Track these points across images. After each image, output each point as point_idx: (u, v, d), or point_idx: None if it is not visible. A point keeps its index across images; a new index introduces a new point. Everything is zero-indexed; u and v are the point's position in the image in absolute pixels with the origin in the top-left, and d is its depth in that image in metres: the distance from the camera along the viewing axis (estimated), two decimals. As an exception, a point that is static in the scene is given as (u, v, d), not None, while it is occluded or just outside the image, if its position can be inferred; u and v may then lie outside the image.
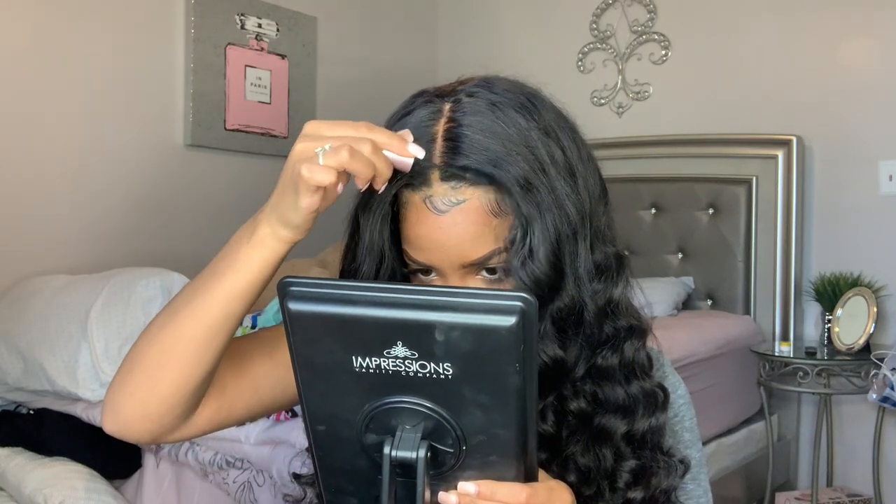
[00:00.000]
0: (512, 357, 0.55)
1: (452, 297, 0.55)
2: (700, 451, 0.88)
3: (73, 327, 1.91)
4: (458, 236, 0.72)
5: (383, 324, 0.55)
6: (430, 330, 0.54)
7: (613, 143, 3.26)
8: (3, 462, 1.87)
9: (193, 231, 2.89)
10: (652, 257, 3.15)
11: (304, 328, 0.57)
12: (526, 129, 0.73)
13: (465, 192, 0.71)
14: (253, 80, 3.04)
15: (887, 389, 2.39)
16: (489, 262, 0.73)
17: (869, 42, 2.84)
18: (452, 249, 0.72)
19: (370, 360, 0.56)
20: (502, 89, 0.75)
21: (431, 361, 0.55)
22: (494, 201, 0.71)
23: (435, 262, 0.74)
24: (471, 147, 0.71)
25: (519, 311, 0.54)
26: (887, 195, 2.78)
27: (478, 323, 0.54)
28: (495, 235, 0.72)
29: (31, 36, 2.46)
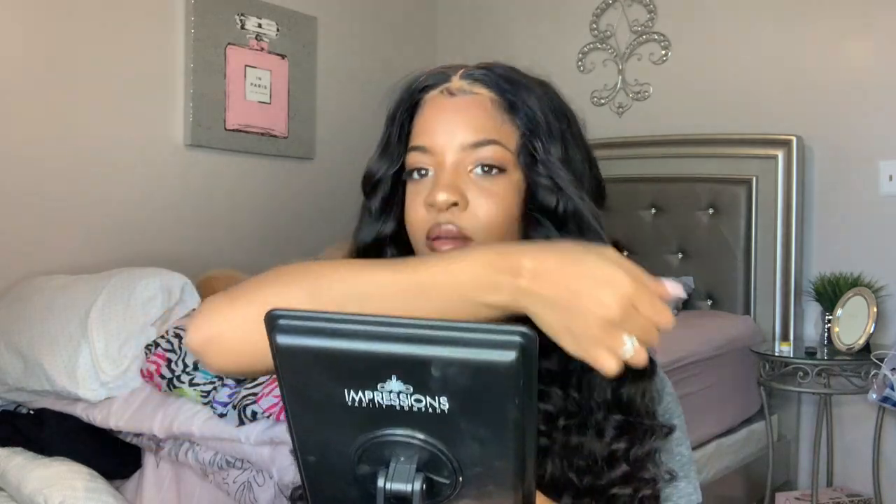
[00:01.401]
0: (511, 392, 0.53)
1: (449, 331, 0.53)
2: (689, 448, 0.87)
3: (73, 327, 1.92)
4: (464, 116, 0.80)
5: (377, 358, 0.53)
6: (426, 365, 0.53)
7: (613, 143, 3.26)
8: (3, 462, 1.86)
9: (193, 231, 2.89)
10: (652, 257, 3.15)
11: (294, 362, 0.55)
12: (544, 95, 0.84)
13: (479, 89, 0.82)
14: (253, 80, 3.04)
15: (887, 389, 2.39)
16: (486, 152, 0.78)
17: (869, 42, 2.84)
18: (455, 129, 0.79)
19: (363, 394, 0.54)
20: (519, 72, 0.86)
21: (427, 395, 0.53)
22: (505, 105, 0.81)
23: (438, 143, 0.79)
24: (493, 68, 0.83)
25: (518, 345, 0.52)
26: (887, 195, 2.78)
27: (476, 358, 0.52)
28: (498, 132, 0.80)
29: (30, 36, 2.46)
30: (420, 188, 0.81)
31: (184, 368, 1.76)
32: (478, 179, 0.79)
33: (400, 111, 0.84)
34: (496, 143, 0.79)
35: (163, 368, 1.77)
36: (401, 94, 0.85)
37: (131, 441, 1.88)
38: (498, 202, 0.79)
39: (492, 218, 0.78)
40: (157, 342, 1.86)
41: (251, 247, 3.02)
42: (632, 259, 0.68)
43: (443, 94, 0.82)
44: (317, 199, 3.26)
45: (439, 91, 0.83)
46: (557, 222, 0.81)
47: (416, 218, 0.81)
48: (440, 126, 0.80)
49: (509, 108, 0.81)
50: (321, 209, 3.23)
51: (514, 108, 0.81)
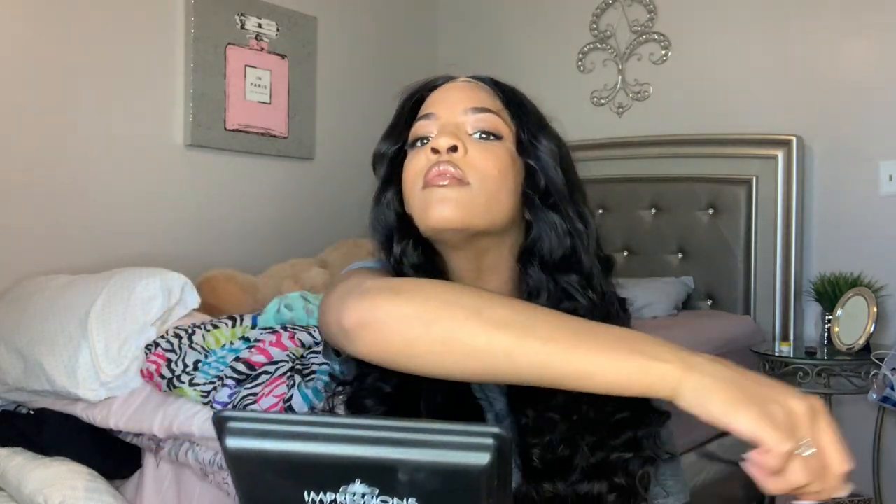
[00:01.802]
0: (484, 494, 0.50)
1: (418, 433, 0.50)
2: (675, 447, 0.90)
3: (73, 327, 1.91)
4: (467, 91, 0.88)
5: (339, 462, 0.50)
6: (393, 470, 0.50)
7: (613, 143, 3.26)
8: (3, 462, 1.86)
9: (193, 231, 2.89)
10: (652, 257, 3.15)
11: (247, 466, 0.52)
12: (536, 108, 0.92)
13: (482, 86, 0.89)
14: (253, 80, 3.04)
15: (887, 389, 2.39)
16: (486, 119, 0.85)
17: (869, 42, 2.84)
18: (459, 99, 0.87)
19: (325, 496, 0.51)
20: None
21: (394, 497, 0.50)
22: (503, 107, 0.87)
23: (441, 110, 0.86)
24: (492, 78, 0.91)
25: (493, 447, 0.49)
26: (887, 195, 2.78)
27: (447, 461, 0.49)
28: (497, 110, 0.87)
29: (30, 36, 2.46)
30: (422, 149, 0.85)
31: (184, 368, 1.76)
32: (477, 140, 0.85)
33: (409, 102, 0.91)
34: (495, 114, 0.86)
35: (163, 368, 1.77)
36: (413, 89, 0.92)
37: (131, 441, 1.88)
38: (495, 158, 0.84)
39: (489, 169, 0.83)
40: (157, 342, 1.86)
41: (251, 247, 3.02)
42: (632, 259, 0.69)
43: (449, 82, 0.91)
44: (317, 199, 3.26)
45: (444, 81, 0.91)
46: (545, 201, 0.86)
47: (414, 169, 0.85)
48: (446, 98, 0.88)
49: (506, 103, 0.88)
50: (321, 209, 3.23)
51: (510, 104, 0.88)
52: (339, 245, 2.90)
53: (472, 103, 0.86)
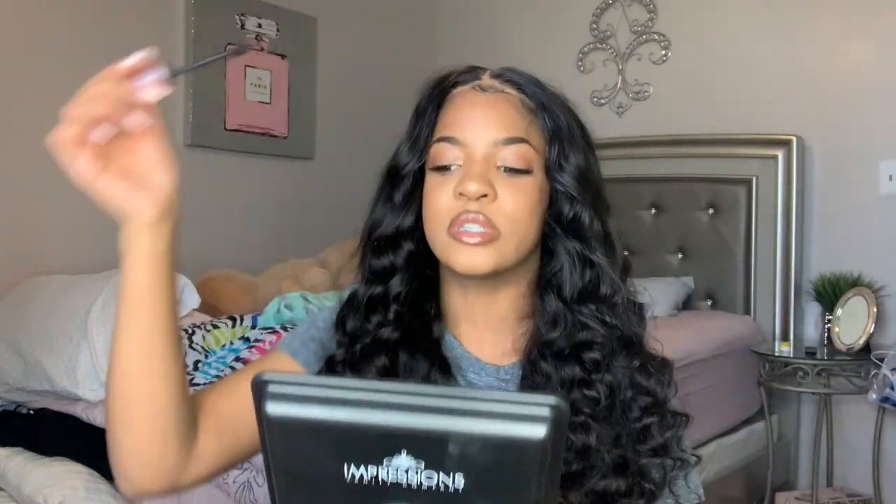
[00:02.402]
0: (537, 470, 0.47)
1: (471, 400, 0.47)
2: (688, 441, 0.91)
3: (73, 327, 1.91)
4: (495, 112, 0.81)
5: (386, 431, 0.47)
6: (442, 441, 0.46)
7: (613, 143, 3.26)
8: (3, 462, 1.86)
9: (193, 231, 2.88)
10: (652, 257, 3.15)
11: (287, 435, 0.48)
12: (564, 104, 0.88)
13: (510, 89, 0.84)
14: (253, 80, 3.04)
15: (887, 389, 2.39)
16: (516, 151, 0.80)
17: (869, 42, 2.84)
18: (487, 124, 0.81)
19: (365, 470, 0.47)
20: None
21: (440, 471, 0.47)
22: (533, 108, 0.83)
23: (469, 136, 0.80)
24: (521, 72, 0.86)
25: (550, 420, 0.46)
26: (887, 195, 2.78)
27: (501, 434, 0.46)
28: (527, 131, 0.82)
29: (30, 36, 2.46)
30: (446, 180, 0.81)
31: (184, 368, 1.76)
32: (505, 176, 0.80)
33: (430, 106, 0.85)
34: (525, 142, 0.81)
35: (163, 368, 1.77)
36: (431, 89, 0.86)
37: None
38: (524, 199, 0.80)
39: (518, 213, 0.80)
40: (157, 342, 1.85)
41: (251, 247, 3.02)
42: (632, 259, 0.70)
43: (474, 90, 0.84)
44: (317, 199, 3.26)
45: (470, 87, 0.84)
46: (567, 229, 0.84)
47: (440, 207, 0.81)
48: (472, 120, 0.81)
49: (536, 111, 0.83)
50: (321, 209, 3.23)
51: (541, 110, 0.83)
52: (339, 245, 2.89)
53: (503, 131, 0.81)
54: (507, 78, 0.85)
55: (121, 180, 0.71)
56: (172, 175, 0.71)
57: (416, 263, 0.86)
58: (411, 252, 0.86)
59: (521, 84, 0.84)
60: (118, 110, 0.68)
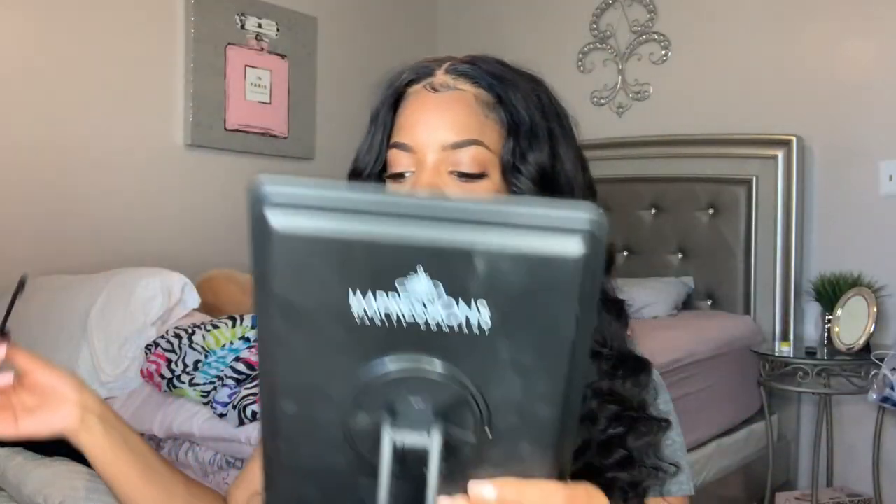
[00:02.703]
0: (572, 298, 0.40)
1: (497, 211, 0.39)
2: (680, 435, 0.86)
3: (73, 327, 1.91)
4: (445, 114, 0.77)
5: (400, 245, 0.39)
6: (468, 256, 0.39)
7: (613, 143, 3.26)
8: (3, 462, 1.86)
9: (193, 231, 2.89)
10: (652, 257, 3.15)
11: (290, 252, 0.41)
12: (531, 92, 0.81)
13: (463, 85, 0.79)
14: (253, 80, 3.04)
15: (887, 389, 2.39)
16: (468, 154, 0.75)
17: (869, 42, 2.84)
18: (437, 127, 0.76)
19: (374, 302, 0.40)
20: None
21: (462, 300, 0.40)
22: (489, 102, 0.77)
23: (418, 140, 0.76)
24: (479, 62, 0.80)
25: (588, 233, 0.39)
26: (887, 195, 2.78)
27: (533, 251, 0.39)
28: (481, 131, 0.76)
29: (31, 37, 2.46)
30: (400, 189, 0.78)
31: (184, 368, 1.76)
32: (457, 181, 0.76)
33: (383, 108, 0.82)
34: (478, 144, 0.76)
35: (163, 368, 1.77)
36: (384, 90, 0.84)
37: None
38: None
39: None
40: (157, 342, 1.86)
41: (251, 247, 3.01)
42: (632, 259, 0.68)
43: (425, 90, 0.79)
44: (317, 199, 3.25)
45: (422, 86, 0.80)
46: None
47: None
48: (421, 124, 0.77)
49: (494, 105, 0.78)
50: (321, 209, 3.23)
51: (498, 104, 0.78)
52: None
53: (452, 134, 0.76)
54: (462, 72, 0.79)
55: (34, 418, 0.80)
56: (67, 382, 0.80)
57: None
58: None
59: (475, 77, 0.79)
60: None
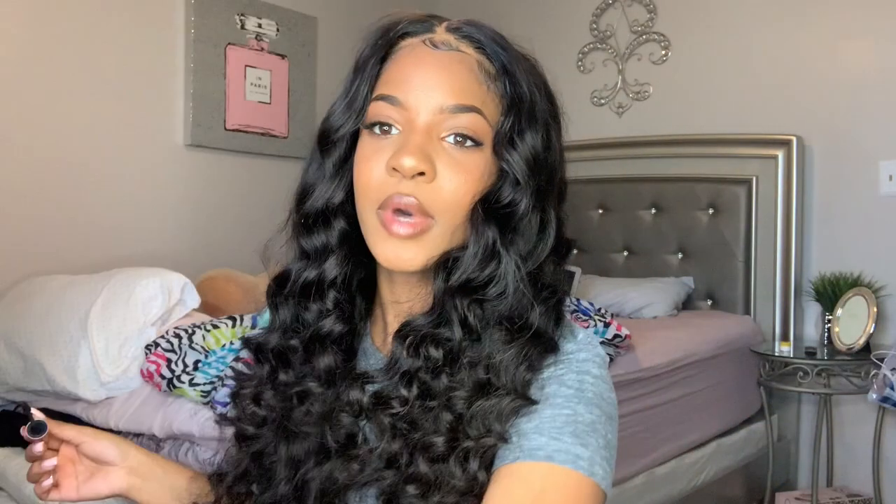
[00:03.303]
0: None
1: None
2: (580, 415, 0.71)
3: (73, 327, 1.91)
4: (446, 74, 0.70)
5: None
6: None
7: (613, 143, 3.27)
8: (3, 462, 1.86)
9: (193, 231, 2.89)
10: (652, 257, 3.15)
11: None
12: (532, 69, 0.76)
13: (466, 47, 0.73)
14: (253, 80, 3.04)
15: (887, 389, 2.39)
16: (466, 120, 0.69)
17: (869, 42, 2.84)
18: (435, 86, 0.70)
19: None
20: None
21: None
22: (491, 71, 0.72)
23: (413, 98, 0.70)
24: (481, 25, 0.75)
25: None
26: (887, 195, 2.78)
27: None
28: (482, 99, 0.71)
29: (31, 36, 2.46)
30: (381, 145, 0.71)
31: (184, 368, 1.76)
32: (450, 149, 0.70)
33: (373, 59, 0.74)
34: (478, 112, 0.70)
35: (163, 368, 1.77)
36: (375, 38, 0.75)
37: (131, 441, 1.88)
38: (467, 179, 0.70)
39: (458, 196, 0.70)
40: (157, 342, 1.86)
41: (251, 247, 3.01)
42: (632, 259, 0.68)
43: (424, 45, 0.72)
44: (317, 199, 3.25)
45: (420, 40, 0.73)
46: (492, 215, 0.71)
47: (370, 181, 0.71)
48: (417, 80, 0.70)
49: (496, 76, 0.72)
50: (321, 209, 3.23)
51: (501, 75, 0.72)
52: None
53: (452, 97, 0.70)
54: (466, 33, 0.74)
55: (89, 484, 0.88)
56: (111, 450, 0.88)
57: (350, 243, 0.77)
58: (344, 231, 0.77)
59: (480, 42, 0.73)
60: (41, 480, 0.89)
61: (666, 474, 2.34)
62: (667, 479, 2.34)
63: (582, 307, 2.27)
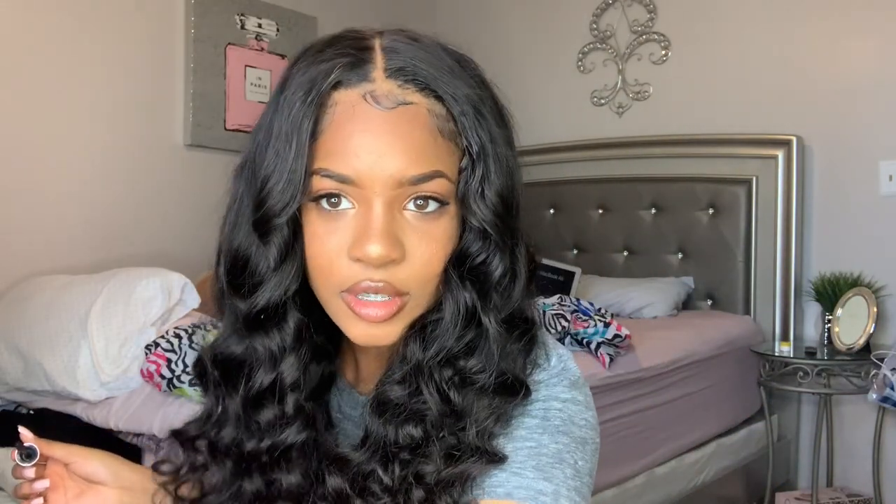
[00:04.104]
0: None
1: None
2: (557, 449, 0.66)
3: (73, 327, 1.91)
4: (400, 140, 0.60)
5: None
6: None
7: (613, 143, 3.27)
8: (3, 462, 1.86)
9: (193, 231, 2.88)
10: (652, 257, 3.15)
11: None
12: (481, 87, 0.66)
13: (413, 96, 0.62)
14: (253, 80, 3.04)
15: (887, 389, 2.39)
16: (429, 187, 0.61)
17: (869, 42, 2.84)
18: (391, 157, 0.60)
19: None
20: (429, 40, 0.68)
21: None
22: (443, 115, 0.62)
23: (364, 174, 0.60)
24: (415, 58, 0.63)
25: None
26: (887, 195, 2.78)
27: None
28: (439, 158, 0.62)
29: (31, 36, 2.46)
30: (335, 226, 0.62)
31: (184, 368, 1.76)
32: (414, 218, 0.63)
33: (306, 120, 0.62)
34: (440, 176, 0.62)
35: (163, 368, 1.77)
36: (303, 93, 0.62)
37: (131, 441, 1.88)
38: (439, 249, 0.63)
39: (432, 269, 0.63)
40: (157, 342, 1.86)
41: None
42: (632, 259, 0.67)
43: (366, 101, 0.61)
44: (317, 199, 3.25)
45: (360, 95, 0.62)
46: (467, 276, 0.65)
47: (331, 267, 0.63)
48: (366, 151, 0.60)
49: (446, 118, 0.63)
50: (321, 209, 3.23)
51: (451, 119, 0.63)
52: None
53: (411, 168, 0.60)
54: (409, 75, 0.62)
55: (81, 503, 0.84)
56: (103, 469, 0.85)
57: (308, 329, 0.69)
58: (300, 323, 0.68)
59: (426, 83, 0.62)
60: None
61: (666, 474, 2.34)
62: (667, 479, 2.34)
63: (582, 307, 2.27)
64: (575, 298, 2.38)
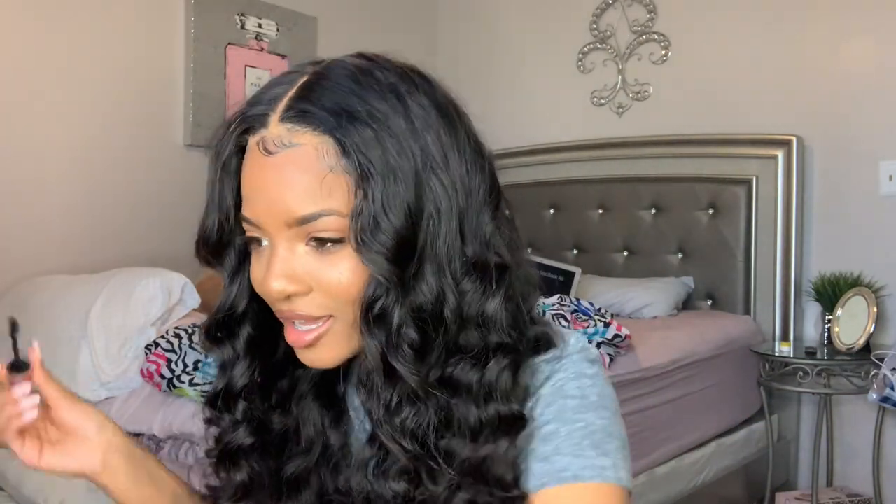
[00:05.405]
0: None
1: None
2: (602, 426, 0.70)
3: (73, 327, 1.91)
4: (284, 184, 0.63)
5: None
6: None
7: (613, 143, 3.27)
8: (3, 462, 1.86)
9: (193, 231, 2.88)
10: (652, 257, 3.15)
11: None
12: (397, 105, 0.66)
13: (301, 136, 0.64)
14: (253, 80, 3.04)
15: (887, 389, 2.39)
16: (318, 226, 0.63)
17: (869, 42, 2.84)
18: (277, 200, 0.64)
19: None
20: (379, 62, 0.70)
21: None
22: (332, 152, 0.63)
23: (261, 217, 0.65)
24: (320, 94, 0.64)
25: None
26: (887, 195, 2.78)
27: None
28: (330, 195, 0.63)
29: (30, 36, 2.46)
30: (260, 259, 0.69)
31: (184, 368, 1.76)
32: (314, 255, 0.65)
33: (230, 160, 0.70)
34: (326, 215, 0.63)
35: (163, 368, 1.77)
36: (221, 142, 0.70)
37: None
38: (340, 279, 0.65)
39: (344, 288, 0.65)
40: (157, 342, 1.86)
41: (251, 247, 3.01)
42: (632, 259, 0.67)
43: (259, 149, 0.65)
44: (317, 199, 3.25)
45: (256, 142, 0.66)
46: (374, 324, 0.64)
47: (262, 293, 0.69)
48: (258, 198, 0.65)
49: (339, 153, 0.63)
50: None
51: (343, 153, 0.63)
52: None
53: (296, 208, 0.63)
54: (300, 116, 0.64)
55: (56, 453, 0.74)
56: (89, 421, 0.76)
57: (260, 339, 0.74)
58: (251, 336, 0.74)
59: (319, 118, 0.63)
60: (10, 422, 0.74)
61: (666, 474, 2.34)
62: (667, 479, 2.34)
63: (582, 307, 2.27)
64: (575, 298, 2.38)
